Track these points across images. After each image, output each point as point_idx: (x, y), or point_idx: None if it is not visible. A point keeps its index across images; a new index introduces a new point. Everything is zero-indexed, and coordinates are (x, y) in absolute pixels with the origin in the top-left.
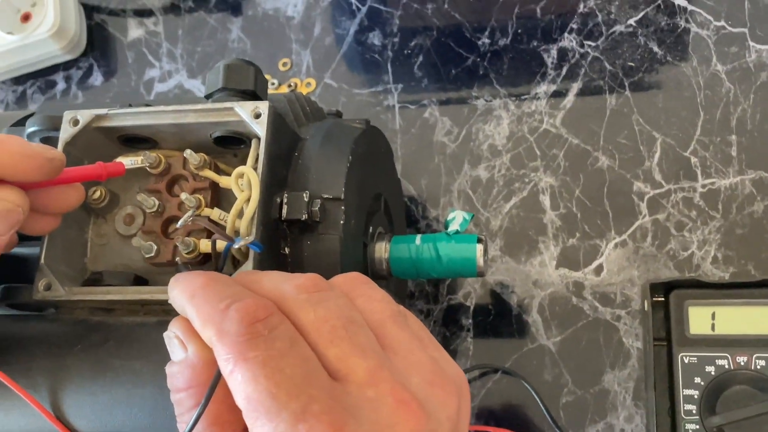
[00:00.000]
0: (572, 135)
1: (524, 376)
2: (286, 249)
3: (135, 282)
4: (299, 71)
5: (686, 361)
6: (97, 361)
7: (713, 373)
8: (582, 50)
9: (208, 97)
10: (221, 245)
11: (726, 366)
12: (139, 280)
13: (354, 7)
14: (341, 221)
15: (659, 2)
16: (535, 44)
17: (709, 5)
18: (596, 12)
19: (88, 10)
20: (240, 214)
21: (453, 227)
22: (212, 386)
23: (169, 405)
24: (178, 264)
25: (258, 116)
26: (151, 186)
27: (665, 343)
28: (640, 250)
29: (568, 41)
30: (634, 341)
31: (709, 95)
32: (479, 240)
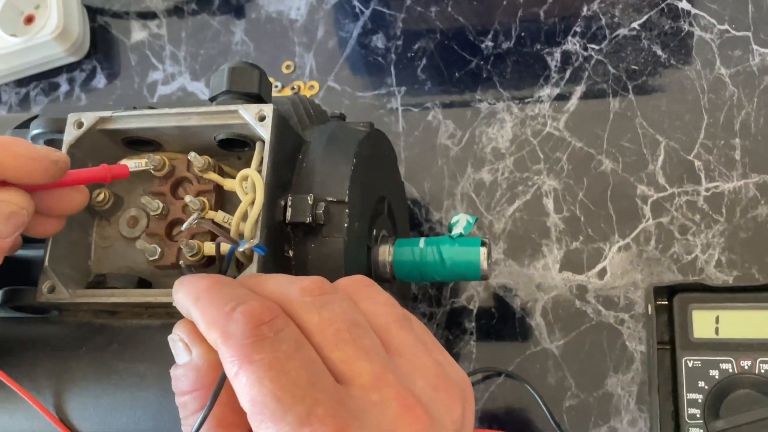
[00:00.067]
0: (576, 138)
1: (527, 380)
2: (290, 252)
3: (139, 285)
4: (302, 74)
5: (690, 365)
6: (101, 364)
7: (717, 377)
8: (585, 53)
9: (213, 100)
10: (225, 248)
11: (730, 370)
12: (143, 283)
13: (357, 10)
14: (345, 224)
15: (663, 6)
16: (539, 47)
17: (713, 9)
18: (600, 15)
19: (92, 13)
20: (244, 217)
21: (456, 230)
22: (217, 389)
23: (174, 408)
24: (182, 267)
25: (262, 119)
26: (155, 188)
27: (669, 347)
28: (644, 254)
29: (572, 44)
30: (638, 345)
31: (713, 99)
32: (483, 243)
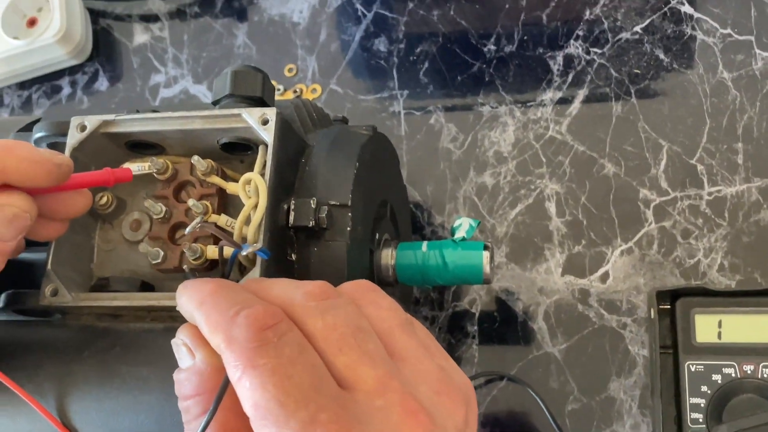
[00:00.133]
0: (578, 142)
1: (530, 384)
2: (293, 255)
3: (142, 288)
4: (305, 77)
5: (693, 370)
6: (104, 368)
7: (720, 382)
8: (588, 57)
9: (216, 104)
10: (228, 252)
11: (733, 374)
12: (146, 286)
13: (360, 14)
14: (348, 228)
15: (665, 10)
16: (541, 51)
17: (716, 13)
18: (602, 19)
19: (94, 15)
20: (247, 221)
21: (459, 234)
22: (220, 393)
23: (176, 412)
24: (185, 270)
25: (265, 123)
26: (158, 192)
27: (671, 351)
28: (647, 258)
29: (574, 48)
30: (640, 349)
31: (716, 103)
32: (486, 247)
